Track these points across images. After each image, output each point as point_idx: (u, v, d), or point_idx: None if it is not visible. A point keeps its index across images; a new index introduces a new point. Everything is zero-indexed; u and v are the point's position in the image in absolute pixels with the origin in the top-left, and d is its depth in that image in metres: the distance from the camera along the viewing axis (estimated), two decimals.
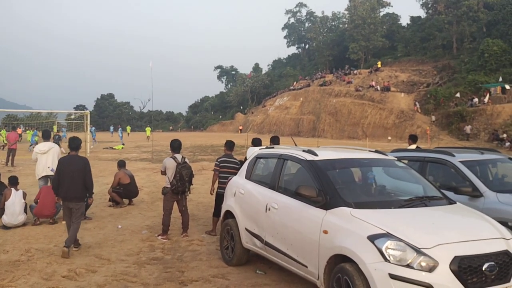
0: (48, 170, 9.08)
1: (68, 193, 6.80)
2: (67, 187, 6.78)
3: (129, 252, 6.92)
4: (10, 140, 20.25)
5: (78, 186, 6.81)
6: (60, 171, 6.87)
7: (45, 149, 9.19)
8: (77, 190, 6.83)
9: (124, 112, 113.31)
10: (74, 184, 6.77)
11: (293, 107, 67.09)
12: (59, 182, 6.83)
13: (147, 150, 28.70)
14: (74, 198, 6.83)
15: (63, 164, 6.93)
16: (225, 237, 6.43)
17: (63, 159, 7.08)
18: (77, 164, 6.90)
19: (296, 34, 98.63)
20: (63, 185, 6.80)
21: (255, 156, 6.44)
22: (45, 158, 9.19)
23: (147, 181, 15.04)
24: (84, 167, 6.92)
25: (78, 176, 6.81)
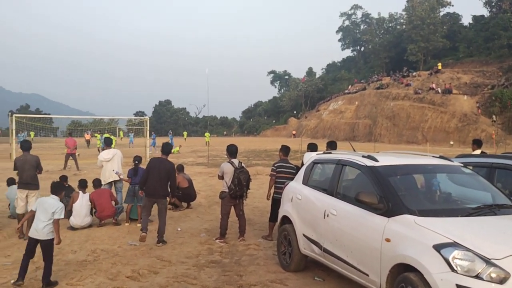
0: (114, 175, 9.56)
1: (155, 190, 7.69)
2: (154, 185, 7.69)
3: (189, 254, 7.08)
4: (69, 146, 21.28)
5: (164, 185, 7.73)
6: (150, 170, 7.76)
7: (109, 157, 9.69)
8: (163, 189, 7.75)
9: (180, 117, 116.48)
10: (160, 183, 7.68)
11: (348, 111, 66.00)
12: (146, 180, 7.71)
13: (203, 154, 29.29)
14: (160, 196, 7.75)
15: (153, 165, 7.83)
16: (283, 242, 6.42)
17: (154, 160, 8.03)
18: (165, 166, 7.82)
19: (351, 36, 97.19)
20: (150, 183, 7.70)
21: (312, 161, 6.40)
22: (110, 165, 9.67)
23: (204, 185, 15.33)
24: (170, 170, 7.90)
25: (165, 177, 7.72)
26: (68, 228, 8.65)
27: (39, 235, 5.63)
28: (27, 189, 8.10)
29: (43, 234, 5.63)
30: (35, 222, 5.67)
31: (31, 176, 8.11)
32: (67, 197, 9.52)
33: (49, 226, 5.65)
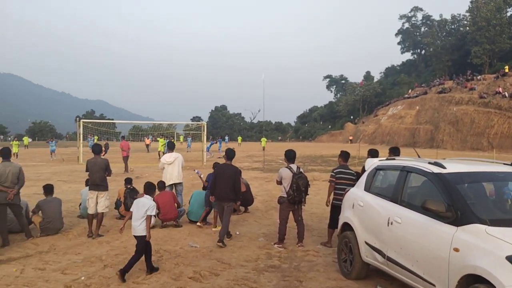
0: (175, 178, 9.88)
1: (222, 194, 8.08)
2: (220, 189, 8.07)
3: (248, 258, 7.16)
4: (124, 148, 22.28)
5: (230, 189, 8.08)
6: (216, 175, 8.23)
7: (171, 160, 10.06)
8: (230, 193, 8.09)
9: (235, 122, 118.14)
10: (227, 188, 8.06)
11: (408, 116, 64.03)
12: (215, 185, 8.13)
13: (258, 159, 29.49)
14: (227, 199, 8.11)
15: (219, 170, 8.30)
16: (343, 249, 6.34)
17: (220, 166, 8.47)
18: (231, 171, 8.19)
19: (411, 39, 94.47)
20: (218, 187, 8.12)
21: (374, 168, 6.27)
22: (171, 168, 10.03)
23: (260, 190, 15.44)
24: (235, 174, 8.23)
25: (230, 181, 8.08)
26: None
27: (136, 232, 6.29)
28: (96, 190, 8.55)
29: (139, 231, 6.27)
30: (133, 221, 6.29)
31: (100, 177, 8.55)
32: (132, 199, 9.95)
33: (143, 223, 6.23)
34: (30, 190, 12.98)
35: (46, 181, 16.73)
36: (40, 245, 7.96)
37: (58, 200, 8.95)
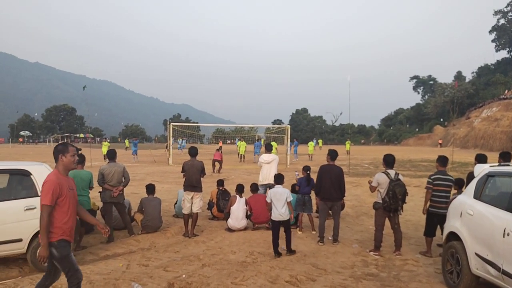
0: (270, 178, 9.93)
1: (328, 194, 8.29)
2: (328, 189, 8.28)
3: (343, 264, 6.99)
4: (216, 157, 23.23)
5: (336, 189, 8.30)
6: (322, 176, 8.37)
7: (269, 160, 10.19)
8: (336, 192, 8.32)
9: (317, 125, 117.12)
10: (334, 187, 8.28)
11: (505, 118, 59.24)
12: (321, 186, 8.35)
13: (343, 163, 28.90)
14: (335, 198, 8.34)
15: (324, 171, 8.43)
16: (449, 260, 5.96)
17: (325, 167, 8.53)
18: (337, 171, 8.41)
19: (508, 36, 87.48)
20: (324, 188, 8.31)
21: (485, 174, 5.83)
22: (268, 168, 10.14)
23: (348, 194, 15.04)
24: (341, 174, 8.43)
25: (336, 181, 8.31)
26: (226, 230, 9.24)
27: (282, 217, 7.42)
28: (193, 191, 8.86)
29: (285, 216, 7.43)
30: (277, 209, 7.44)
31: (197, 179, 8.86)
32: (224, 200, 10.21)
33: (286, 207, 7.45)
34: (127, 190, 13.80)
35: (141, 181, 17.77)
36: (142, 242, 8.42)
37: (158, 200, 9.42)
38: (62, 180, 4.39)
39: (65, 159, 4.45)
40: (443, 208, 7.42)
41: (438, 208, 7.52)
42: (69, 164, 4.49)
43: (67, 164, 4.47)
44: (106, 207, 8.71)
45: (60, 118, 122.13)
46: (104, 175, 8.61)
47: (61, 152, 4.45)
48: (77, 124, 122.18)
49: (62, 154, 4.44)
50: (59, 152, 4.45)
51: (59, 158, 4.44)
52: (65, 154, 4.45)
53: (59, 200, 4.30)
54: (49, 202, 4.23)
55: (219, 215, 10.29)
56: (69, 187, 4.46)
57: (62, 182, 4.35)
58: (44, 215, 4.22)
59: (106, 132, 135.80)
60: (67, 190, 4.39)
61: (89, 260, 7.34)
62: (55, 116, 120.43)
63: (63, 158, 4.44)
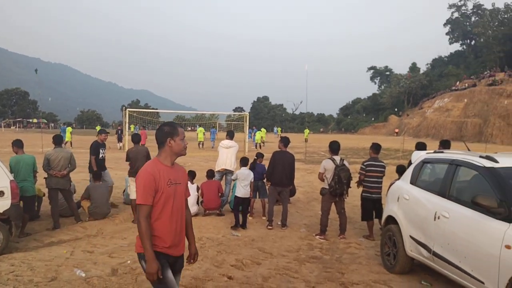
0: (228, 164, 9.93)
1: (279, 180, 8.50)
2: (279, 175, 8.47)
3: (289, 248, 7.18)
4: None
5: (288, 175, 8.56)
6: (274, 162, 8.55)
7: (229, 145, 10.10)
8: (286, 178, 8.56)
9: (277, 114, 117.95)
10: (285, 173, 8.50)
11: (455, 109, 61.80)
12: (273, 171, 8.52)
13: (300, 151, 29.35)
14: (284, 184, 8.57)
15: (277, 157, 8.61)
16: (387, 243, 6.24)
17: (277, 153, 8.72)
18: (288, 157, 8.63)
19: (461, 29, 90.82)
20: (276, 174, 8.50)
21: (421, 161, 6.11)
22: (226, 153, 10.03)
23: (302, 181, 15.39)
24: (292, 160, 8.67)
25: (288, 167, 8.54)
26: None
27: (245, 195, 8.57)
28: None
29: (247, 194, 8.59)
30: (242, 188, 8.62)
31: (143, 165, 8.79)
32: None
33: (248, 187, 8.62)
34: (79, 177, 13.49)
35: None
36: (89, 229, 8.30)
37: (106, 186, 9.28)
38: (163, 171, 3.35)
39: (173, 143, 3.39)
40: (375, 193, 7.84)
41: (371, 193, 7.86)
42: (179, 151, 3.44)
43: (177, 150, 3.42)
44: (52, 194, 8.50)
45: (12, 103, 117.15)
46: (50, 161, 8.38)
47: (170, 134, 3.39)
48: (30, 108, 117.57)
49: (171, 137, 3.39)
50: (167, 135, 3.39)
51: (166, 142, 3.39)
52: (174, 138, 3.39)
53: (156, 198, 3.30)
54: (142, 201, 3.24)
55: None
56: (172, 180, 3.37)
57: (163, 174, 3.33)
58: (139, 219, 3.22)
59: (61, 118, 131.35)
60: (166, 184, 3.32)
61: (33, 247, 7.16)
62: (6, 100, 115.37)
63: (171, 142, 3.38)
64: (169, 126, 3.46)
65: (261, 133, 35.86)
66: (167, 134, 3.40)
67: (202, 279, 5.59)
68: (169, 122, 3.58)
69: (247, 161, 9.01)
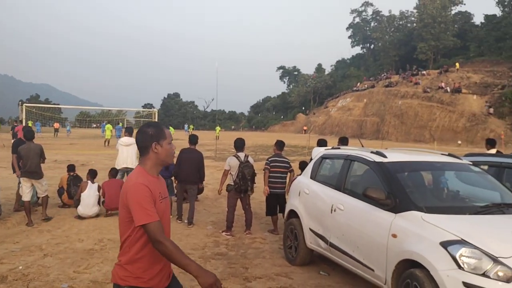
0: (129, 162, 9.60)
1: (186, 177, 8.47)
2: (186, 172, 8.44)
3: (195, 246, 7.13)
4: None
5: (195, 173, 8.52)
6: (181, 159, 8.51)
7: (129, 142, 9.76)
8: (194, 175, 8.52)
9: (188, 111, 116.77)
10: (192, 171, 8.46)
11: (356, 108, 65.77)
12: (180, 169, 8.45)
13: (210, 148, 29.35)
14: (191, 182, 8.54)
15: (184, 154, 8.59)
16: (289, 236, 6.45)
17: (185, 150, 8.69)
18: (196, 155, 8.64)
19: (361, 33, 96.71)
20: (182, 171, 8.46)
21: (320, 157, 6.40)
22: (127, 151, 9.72)
23: (211, 178, 15.35)
24: (200, 158, 8.65)
25: (195, 164, 8.51)
26: (75, 217, 8.74)
27: None
28: (32, 178, 8.21)
29: None
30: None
31: (36, 164, 8.22)
32: (75, 187, 9.63)
33: None
34: None
35: None
36: None
37: None
38: (153, 183, 2.67)
39: (159, 149, 2.70)
40: (279, 188, 8.07)
41: (274, 188, 8.09)
42: (166, 157, 2.75)
43: (163, 157, 2.73)
44: None
45: None
46: None
47: (155, 138, 2.70)
48: None
49: (157, 141, 2.70)
50: (152, 138, 2.70)
51: (151, 147, 2.69)
52: (161, 142, 2.71)
53: None
54: (149, 219, 2.50)
55: (69, 202, 9.66)
56: (162, 194, 2.74)
57: (154, 187, 2.65)
58: (160, 239, 2.48)
59: None
60: (160, 199, 2.69)
61: None
62: None
63: (157, 147, 2.69)
64: (154, 127, 2.77)
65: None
66: (151, 138, 2.70)
67: (101, 282, 5.37)
68: (154, 122, 2.93)
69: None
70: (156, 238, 2.49)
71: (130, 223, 2.61)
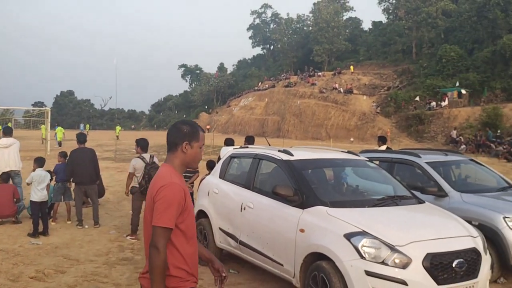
0: (11, 165, 8.82)
1: (82, 178, 8.19)
2: (82, 173, 8.18)
3: (98, 252, 6.78)
4: None
5: (91, 172, 8.29)
6: (73, 160, 8.24)
7: (8, 143, 8.97)
8: (91, 175, 8.33)
9: (84, 109, 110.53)
10: (88, 170, 8.23)
11: (258, 107, 67.35)
12: (72, 170, 8.19)
13: (110, 149, 28.11)
14: (89, 182, 8.30)
15: (76, 155, 8.32)
16: (198, 237, 6.39)
17: (75, 151, 8.40)
18: (88, 154, 8.41)
19: (261, 35, 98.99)
20: (78, 172, 8.17)
21: (229, 156, 6.45)
22: (8, 153, 8.91)
23: (112, 180, 14.74)
24: (93, 155, 8.46)
25: (90, 163, 8.27)
26: None
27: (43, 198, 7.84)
28: None
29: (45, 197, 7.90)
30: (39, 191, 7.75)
31: None
32: None
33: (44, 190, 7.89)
34: None
35: None
36: None
37: None
38: (183, 184, 2.56)
39: (189, 150, 2.56)
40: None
41: None
42: (193, 160, 2.62)
43: (190, 159, 2.60)
44: None
45: None
46: None
47: (188, 137, 2.56)
48: None
49: (189, 141, 2.56)
50: (185, 136, 2.56)
51: (181, 146, 2.55)
52: (192, 143, 2.56)
53: (180, 218, 2.45)
54: (169, 224, 2.38)
55: None
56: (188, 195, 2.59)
57: (186, 190, 2.52)
58: (160, 247, 2.35)
59: None
60: (190, 200, 2.58)
61: None
62: None
63: (187, 147, 2.55)
64: (190, 126, 2.62)
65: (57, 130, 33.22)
66: (184, 136, 2.57)
67: None
68: (190, 121, 2.77)
69: (43, 161, 8.24)
70: (157, 245, 2.35)
71: None
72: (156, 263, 2.35)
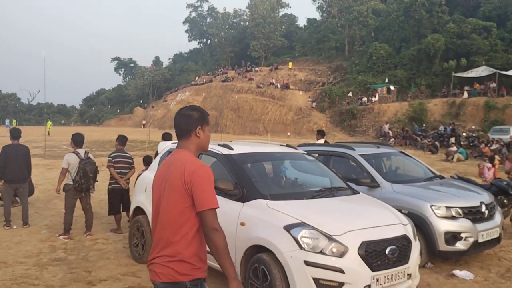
0: None
1: (14, 176, 7.84)
2: (15, 170, 7.82)
3: (28, 253, 6.42)
4: None
5: (23, 169, 7.97)
6: (6, 157, 7.80)
7: None
8: (23, 173, 8.00)
9: (9, 104, 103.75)
10: (20, 168, 7.91)
11: (195, 102, 66.58)
12: (5, 167, 7.77)
13: (38, 145, 26.61)
14: (20, 180, 7.94)
15: (8, 151, 7.88)
16: (135, 234, 6.24)
17: (8, 147, 7.93)
18: (22, 150, 8.06)
19: (198, 29, 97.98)
20: (9, 169, 7.78)
21: (167, 151, 6.33)
22: None
23: (41, 178, 14.01)
24: (27, 153, 8.12)
25: (24, 160, 7.98)
26: None
27: None
28: None
29: None
30: None
31: None
32: None
33: None
34: None
35: None
36: None
37: None
38: None
39: (202, 134, 2.65)
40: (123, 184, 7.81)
41: (119, 184, 7.79)
42: (205, 145, 2.73)
43: (204, 144, 2.70)
44: None
45: None
46: None
47: (200, 122, 2.64)
48: None
49: (201, 125, 2.64)
50: (197, 122, 2.63)
51: (195, 131, 2.63)
52: (204, 127, 2.66)
53: None
54: (217, 203, 2.54)
55: None
56: None
57: None
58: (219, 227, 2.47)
59: None
60: None
61: None
62: None
63: (200, 132, 2.64)
64: (199, 111, 2.69)
65: None
66: (196, 121, 2.63)
67: None
68: (197, 106, 2.81)
69: None
70: (214, 226, 2.44)
71: (189, 210, 2.48)
72: (222, 243, 2.44)
